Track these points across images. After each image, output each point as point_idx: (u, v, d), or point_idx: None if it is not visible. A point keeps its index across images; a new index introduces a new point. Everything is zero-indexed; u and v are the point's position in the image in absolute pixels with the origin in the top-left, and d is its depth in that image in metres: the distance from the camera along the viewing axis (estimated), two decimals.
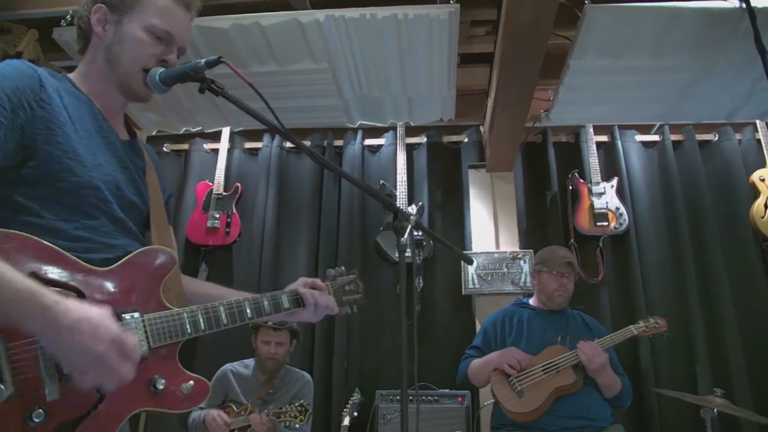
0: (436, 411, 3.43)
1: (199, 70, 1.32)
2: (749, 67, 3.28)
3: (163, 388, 1.23)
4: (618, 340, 2.75)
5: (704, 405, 2.66)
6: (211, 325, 1.36)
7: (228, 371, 3.24)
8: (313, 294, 1.59)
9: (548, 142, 4.38)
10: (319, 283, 1.65)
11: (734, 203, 4.17)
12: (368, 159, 4.46)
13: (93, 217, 1.26)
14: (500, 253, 3.99)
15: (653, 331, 2.81)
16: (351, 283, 1.79)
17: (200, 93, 1.35)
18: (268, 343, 3.14)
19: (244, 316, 1.44)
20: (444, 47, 3.26)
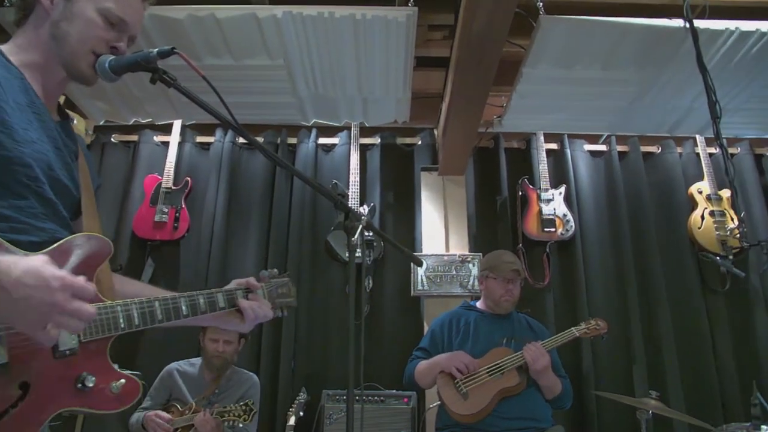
0: (382, 411, 3.44)
1: (151, 60, 1.28)
2: (691, 84, 3.42)
3: (92, 386, 1.17)
4: (561, 342, 2.82)
5: (640, 407, 2.76)
6: (145, 320, 1.29)
7: (174, 370, 3.17)
8: (252, 307, 1.55)
9: (500, 148, 4.46)
10: (254, 283, 1.61)
11: (673, 213, 4.35)
12: (321, 158, 4.44)
13: (21, 196, 1.18)
14: (450, 256, 4.04)
15: (594, 332, 2.90)
16: (284, 286, 1.75)
17: (151, 83, 1.32)
18: (216, 341, 3.08)
19: (179, 312, 1.39)
20: (401, 49, 3.28)
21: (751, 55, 3.29)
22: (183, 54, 1.30)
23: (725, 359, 3.98)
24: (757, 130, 4.27)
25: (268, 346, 3.85)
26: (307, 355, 3.90)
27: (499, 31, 2.77)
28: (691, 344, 4.01)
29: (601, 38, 3.15)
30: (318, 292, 4.06)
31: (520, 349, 2.74)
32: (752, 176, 4.48)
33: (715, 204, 4.26)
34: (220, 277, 3.95)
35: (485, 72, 3.09)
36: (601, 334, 2.91)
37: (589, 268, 4.20)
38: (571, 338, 2.86)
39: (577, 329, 2.89)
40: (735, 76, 3.46)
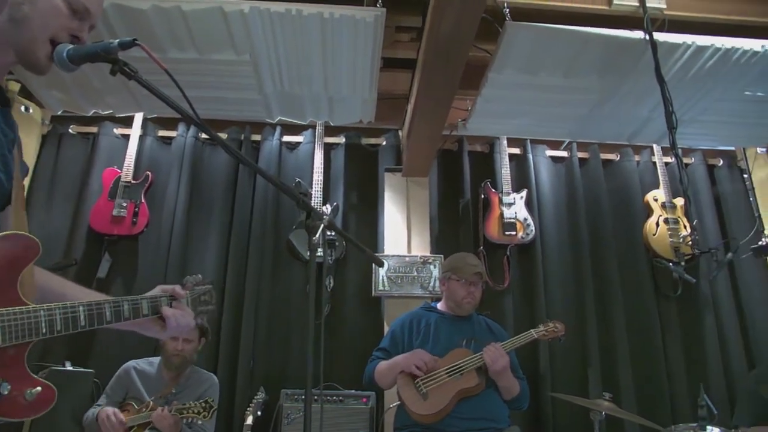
0: (340, 411, 3.45)
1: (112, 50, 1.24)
2: (649, 95, 3.51)
3: (6, 394, 1.11)
4: (519, 343, 2.85)
5: (593, 408, 2.82)
6: (68, 326, 1.24)
7: (131, 368, 3.10)
8: (175, 316, 1.51)
9: (464, 151, 4.50)
10: (179, 291, 1.56)
11: (630, 220, 4.47)
12: (285, 156, 4.41)
13: None
14: (411, 257, 4.06)
15: (552, 335, 2.95)
16: (206, 293, 1.72)
17: (112, 75, 1.28)
18: (176, 338, 3.02)
19: (102, 318, 1.33)
20: (368, 50, 3.28)
21: (705, 69, 3.40)
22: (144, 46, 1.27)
23: (675, 362, 4.10)
24: (710, 142, 4.42)
25: (226, 344, 3.80)
26: (267, 354, 3.87)
27: (466, 35, 2.80)
28: (643, 347, 4.13)
29: (565, 46, 3.21)
30: (279, 291, 4.03)
31: (480, 351, 2.75)
32: (705, 186, 4.64)
33: (670, 212, 4.39)
34: (179, 273, 3.88)
35: (451, 75, 3.11)
36: (558, 336, 2.96)
37: (548, 271, 4.28)
38: (529, 340, 2.89)
39: (536, 331, 2.93)
40: (691, 88, 3.57)
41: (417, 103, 3.48)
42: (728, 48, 3.27)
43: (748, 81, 3.55)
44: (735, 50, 3.29)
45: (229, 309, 3.87)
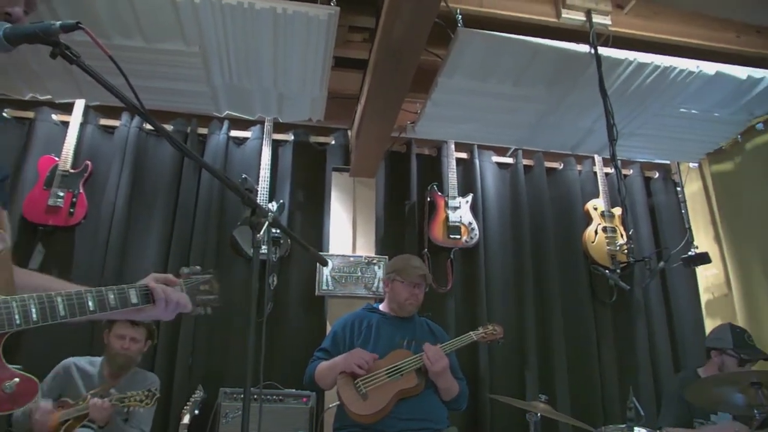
0: (280, 411, 3.40)
1: (53, 32, 1.20)
2: (592, 107, 3.62)
3: None
4: (459, 346, 2.89)
5: (529, 409, 2.88)
6: (45, 316, 1.20)
7: (72, 365, 2.95)
8: (164, 289, 1.47)
9: (412, 154, 4.53)
10: (172, 278, 1.53)
11: (570, 227, 4.60)
12: (232, 151, 4.34)
13: None
14: (356, 257, 4.06)
15: (491, 337, 3.00)
16: (206, 282, 1.69)
17: (52, 58, 1.23)
18: (123, 337, 2.92)
19: (84, 308, 1.29)
20: (320, 48, 3.26)
21: (645, 85, 3.53)
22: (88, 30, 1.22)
23: (608, 366, 4.25)
24: (647, 155, 4.59)
25: (165, 340, 3.70)
26: (206, 351, 3.80)
27: (418, 38, 2.82)
28: (579, 351, 4.26)
29: (515, 55, 3.27)
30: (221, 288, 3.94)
31: (420, 352, 2.78)
32: (641, 197, 4.83)
33: (608, 220, 4.54)
34: (117, 267, 3.77)
35: (402, 78, 3.13)
36: (497, 339, 3.01)
37: (490, 275, 4.36)
38: (468, 342, 2.93)
39: (475, 333, 2.98)
40: (631, 103, 3.71)
41: (367, 104, 3.49)
42: (667, 66, 3.41)
43: (684, 98, 3.71)
44: (673, 69, 3.43)
45: None
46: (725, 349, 3.06)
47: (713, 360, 3.13)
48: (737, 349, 3.03)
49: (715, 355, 3.12)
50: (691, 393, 2.61)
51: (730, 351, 3.04)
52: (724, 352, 3.07)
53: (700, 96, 3.69)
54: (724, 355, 3.07)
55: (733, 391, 2.45)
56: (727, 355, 3.05)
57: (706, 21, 3.53)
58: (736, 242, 4.43)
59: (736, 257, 4.41)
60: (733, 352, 3.03)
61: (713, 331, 3.33)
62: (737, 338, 3.08)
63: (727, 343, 3.08)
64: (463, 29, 3.10)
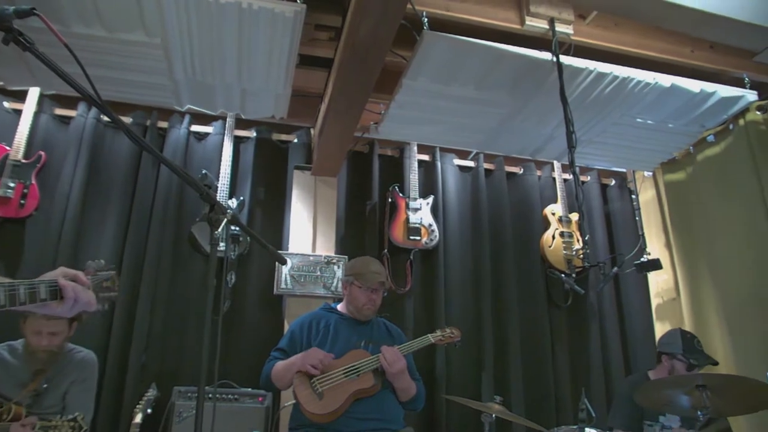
0: (235, 410, 3.36)
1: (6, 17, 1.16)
2: (553, 114, 3.69)
3: None
4: (416, 348, 2.92)
5: (484, 410, 2.92)
6: None
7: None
8: (74, 288, 1.41)
9: (374, 154, 4.54)
10: (82, 277, 1.47)
11: (529, 231, 4.68)
12: (193, 146, 4.26)
13: None
14: (315, 257, 4.04)
15: (448, 340, 3.03)
16: (109, 279, 1.64)
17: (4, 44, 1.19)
18: (39, 333, 2.70)
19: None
20: (285, 45, 3.23)
21: (605, 94, 3.61)
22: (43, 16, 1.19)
23: (562, 368, 4.34)
24: (605, 162, 4.70)
25: (118, 337, 3.61)
26: (161, 348, 3.72)
27: (384, 39, 2.83)
28: (534, 354, 4.33)
29: (479, 60, 3.31)
30: (177, 284, 3.89)
31: (378, 352, 2.79)
32: (598, 203, 4.94)
33: (565, 226, 4.63)
34: (70, 260, 3.65)
35: (367, 78, 3.13)
36: (454, 341, 3.05)
37: (449, 277, 4.40)
38: (426, 344, 2.97)
39: (433, 336, 3.01)
40: (590, 111, 3.78)
41: (331, 103, 3.48)
42: (625, 77, 3.50)
43: (641, 109, 3.81)
44: (631, 79, 3.52)
45: (123, 300, 3.68)
46: (675, 354, 3.18)
47: (664, 364, 3.24)
48: (687, 355, 3.14)
49: (666, 360, 3.23)
50: (641, 395, 2.69)
51: (680, 356, 3.15)
52: (674, 357, 3.18)
53: (655, 107, 3.80)
54: (674, 359, 3.18)
55: (680, 393, 2.53)
56: (677, 360, 3.16)
57: (663, 35, 3.64)
58: (685, 249, 4.58)
59: (685, 263, 4.55)
60: (682, 357, 3.14)
61: (664, 336, 3.44)
62: (687, 344, 3.20)
63: (677, 348, 3.19)
64: (429, 32, 3.12)
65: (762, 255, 3.88)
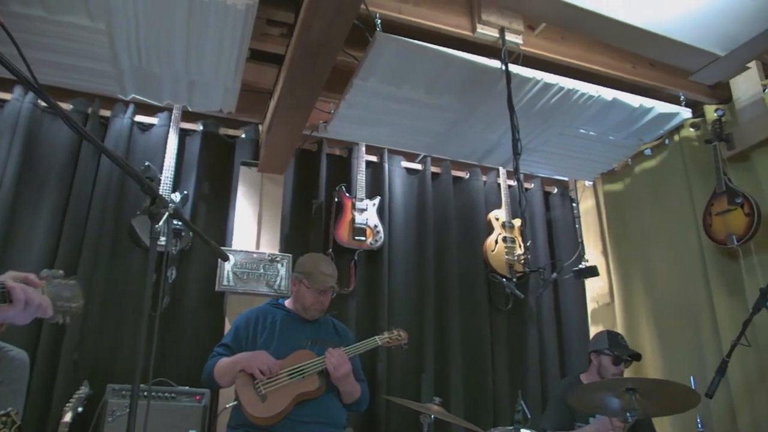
0: (171, 408, 3.27)
1: None
2: (500, 121, 3.75)
3: None
4: (363, 350, 2.91)
5: (424, 411, 2.95)
6: None
7: None
8: (25, 290, 1.28)
9: (322, 153, 4.52)
10: (33, 278, 1.36)
11: (473, 236, 4.75)
12: (136, 137, 4.13)
13: None
14: (259, 254, 4.00)
15: (395, 342, 3.03)
16: (69, 289, 1.51)
17: None
18: None
19: None
20: (236, 38, 3.18)
21: (550, 104, 3.71)
22: None
23: (500, 370, 4.43)
24: (548, 171, 4.82)
25: (49, 331, 3.45)
26: (95, 344, 3.59)
27: (336, 38, 2.83)
28: (474, 355, 4.41)
29: (429, 64, 3.34)
30: (115, 278, 3.77)
31: (324, 351, 2.75)
32: (540, 210, 5.07)
33: (508, 231, 4.73)
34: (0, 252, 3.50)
35: (318, 76, 3.12)
36: (401, 344, 3.05)
37: (393, 278, 4.42)
38: (373, 346, 2.95)
39: (380, 338, 2.99)
40: (536, 120, 3.88)
41: (280, 100, 3.45)
42: (570, 89, 3.61)
43: (584, 120, 3.94)
44: (575, 91, 3.63)
45: None
46: (602, 350, 3.35)
47: (593, 362, 3.40)
48: (612, 349, 3.32)
49: (594, 357, 3.41)
50: (574, 398, 2.77)
51: (606, 351, 3.33)
52: (601, 353, 3.36)
53: (597, 119, 3.92)
54: (601, 355, 3.35)
55: (611, 396, 2.63)
56: (603, 355, 3.33)
57: (607, 50, 3.77)
58: (620, 257, 4.74)
59: (620, 271, 4.72)
60: (608, 351, 3.31)
61: (593, 338, 3.63)
62: (612, 340, 3.37)
63: (603, 345, 3.37)
64: (382, 34, 3.13)
65: (691, 264, 4.06)
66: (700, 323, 3.92)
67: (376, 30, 3.14)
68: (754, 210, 3.53)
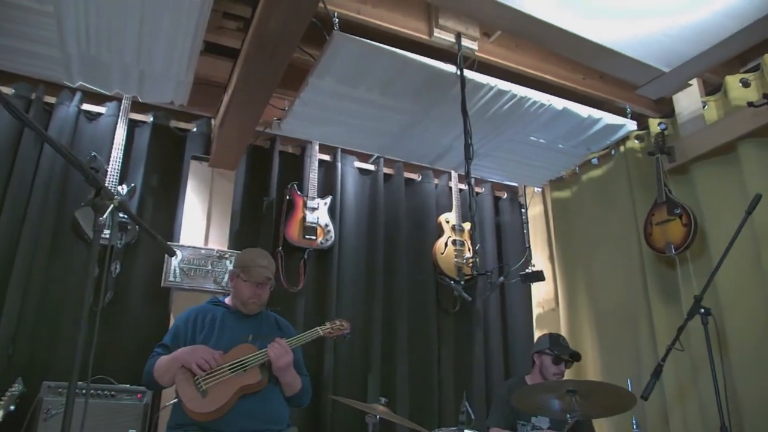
0: (111, 407, 3.18)
1: None
2: (453, 125, 3.80)
3: None
4: (305, 341, 2.86)
5: (369, 411, 2.96)
6: None
7: None
8: None
9: (275, 150, 4.48)
10: None
11: (423, 237, 4.80)
12: (83, 125, 4.00)
13: None
14: (207, 250, 3.93)
15: (337, 332, 3.01)
16: None
17: None
18: None
19: None
20: (190, 29, 3.11)
21: (503, 111, 3.78)
22: None
23: (446, 371, 4.49)
24: (499, 176, 4.91)
25: None
26: (30, 339, 3.45)
27: (293, 35, 2.81)
28: (420, 356, 4.45)
29: (386, 66, 3.36)
30: (56, 271, 3.63)
31: (265, 346, 2.73)
32: (489, 215, 5.16)
33: (458, 234, 4.79)
34: None
35: (273, 72, 3.10)
36: (344, 333, 3.03)
37: (342, 278, 4.42)
38: (315, 337, 2.91)
39: (322, 328, 2.96)
40: (489, 125, 3.94)
41: (234, 95, 3.41)
42: (523, 96, 3.68)
43: (535, 128, 4.02)
44: (528, 99, 3.71)
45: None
46: (543, 350, 3.47)
47: (535, 363, 3.51)
48: (552, 348, 3.43)
49: (536, 358, 3.52)
50: (517, 398, 2.83)
51: (547, 351, 3.44)
52: (543, 353, 3.47)
53: (548, 127, 4.02)
54: (543, 355, 3.47)
55: (552, 397, 2.70)
56: (545, 355, 3.45)
57: (560, 61, 3.86)
58: (566, 262, 4.87)
59: (565, 276, 4.84)
60: (549, 351, 3.43)
61: (536, 340, 3.76)
62: (553, 341, 3.49)
63: (544, 345, 3.49)
64: (339, 33, 3.13)
65: (631, 271, 4.20)
66: (639, 328, 4.06)
67: (334, 29, 3.14)
68: (692, 221, 3.68)
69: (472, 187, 3.37)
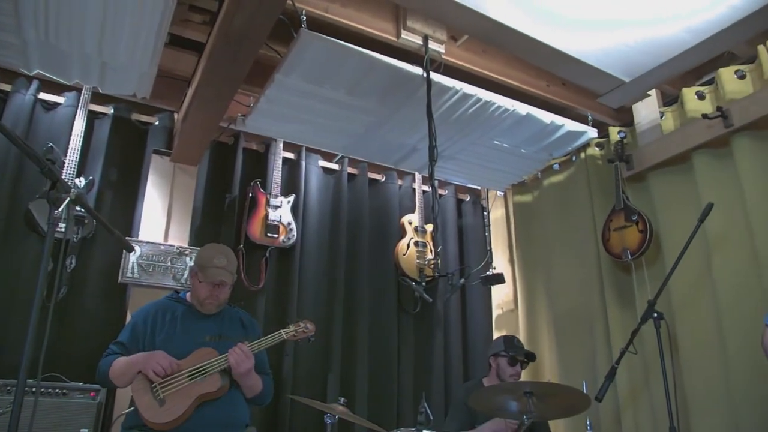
0: (62, 406, 3.08)
1: None
2: (418, 127, 3.82)
3: None
4: (268, 344, 2.81)
5: (328, 411, 2.95)
6: None
7: None
8: None
9: (239, 147, 4.44)
10: None
11: (385, 238, 4.81)
12: (39, 115, 3.88)
13: None
14: (167, 246, 3.87)
15: (302, 335, 2.92)
16: None
17: None
18: None
19: None
20: (155, 20, 3.05)
21: (468, 114, 3.81)
22: None
23: (406, 372, 4.51)
24: (462, 179, 4.95)
25: None
26: None
27: (259, 31, 2.79)
28: (380, 357, 4.46)
29: (352, 65, 3.35)
30: (7, 265, 3.53)
31: (227, 348, 2.64)
32: (452, 217, 5.21)
33: (420, 236, 4.82)
34: None
35: (238, 68, 3.07)
36: (308, 336, 2.95)
37: (303, 277, 4.40)
38: (279, 341, 2.84)
39: (286, 332, 2.87)
40: (453, 128, 3.97)
41: (198, 89, 3.36)
42: (488, 101, 3.72)
43: (498, 132, 4.07)
44: (492, 104, 3.75)
45: None
46: (499, 352, 3.48)
47: (492, 366, 3.53)
48: (507, 350, 3.45)
49: (492, 361, 3.53)
50: (474, 400, 2.86)
51: (502, 353, 3.46)
52: (498, 355, 3.48)
53: (511, 132, 4.07)
54: (498, 358, 3.48)
55: (509, 399, 2.74)
56: (500, 357, 3.46)
57: (524, 67, 3.92)
58: (526, 265, 4.95)
59: (525, 279, 4.92)
60: (504, 353, 3.45)
61: (491, 343, 3.78)
62: (507, 342, 3.51)
63: (499, 348, 3.51)
64: (306, 31, 3.12)
65: (589, 275, 4.29)
66: (595, 331, 4.15)
67: (302, 27, 3.12)
68: (647, 227, 3.78)
69: (436, 189, 3.40)
